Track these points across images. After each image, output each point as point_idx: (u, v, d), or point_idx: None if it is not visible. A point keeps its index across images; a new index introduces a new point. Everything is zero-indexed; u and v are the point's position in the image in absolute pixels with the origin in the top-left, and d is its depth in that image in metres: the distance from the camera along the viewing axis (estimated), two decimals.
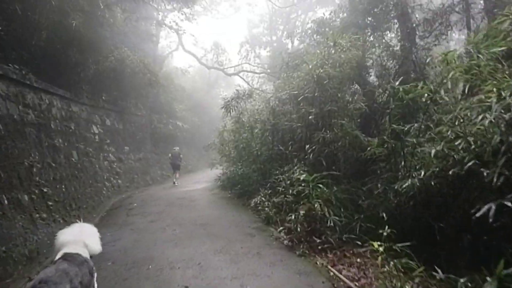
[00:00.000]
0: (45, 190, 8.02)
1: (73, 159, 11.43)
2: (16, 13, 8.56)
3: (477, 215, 3.36)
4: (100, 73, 15.09)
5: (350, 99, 8.38)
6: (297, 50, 13.14)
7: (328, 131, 6.84)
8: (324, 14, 12.59)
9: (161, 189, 16.86)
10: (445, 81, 4.38)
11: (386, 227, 3.89)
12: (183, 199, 12.27)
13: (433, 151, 4.24)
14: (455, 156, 4.25)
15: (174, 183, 18.18)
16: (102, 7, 12.53)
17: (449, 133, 4.32)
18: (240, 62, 28.06)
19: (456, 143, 4.13)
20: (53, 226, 7.97)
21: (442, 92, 4.83)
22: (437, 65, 5.64)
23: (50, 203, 8.11)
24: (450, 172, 4.10)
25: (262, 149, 10.67)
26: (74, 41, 12.34)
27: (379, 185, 5.27)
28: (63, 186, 9.65)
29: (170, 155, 19.31)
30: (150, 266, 5.26)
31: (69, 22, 11.28)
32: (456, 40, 17.16)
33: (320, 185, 5.77)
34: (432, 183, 4.54)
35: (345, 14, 10.11)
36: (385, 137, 5.49)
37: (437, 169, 4.45)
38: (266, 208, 7.56)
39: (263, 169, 10.23)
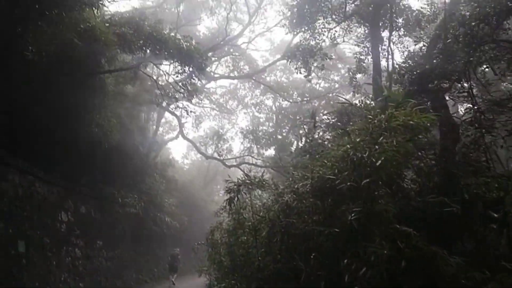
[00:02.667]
0: None
1: (13, 252, 8.62)
2: None
3: None
4: (81, 149, 12.98)
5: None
6: (312, 142, 11.26)
7: (383, 242, 4.35)
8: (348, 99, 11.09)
9: None
10: None
11: None
12: None
13: None
14: None
15: (173, 283, 17.92)
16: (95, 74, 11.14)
17: None
18: (242, 153, 26.59)
19: None
20: None
21: None
22: None
23: None
24: None
25: (266, 259, 7.89)
26: (52, 104, 10.47)
27: None
28: None
29: (169, 257, 19.01)
30: None
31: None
32: None
33: None
34: None
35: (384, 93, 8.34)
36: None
37: None
38: None
39: None
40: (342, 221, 5.38)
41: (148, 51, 12.93)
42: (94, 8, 9.76)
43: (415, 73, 8.33)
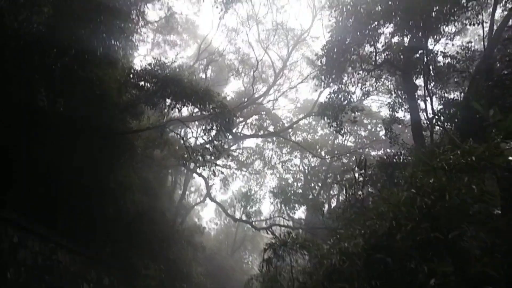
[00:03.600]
0: None
1: None
2: None
3: None
4: (107, 215, 12.44)
5: None
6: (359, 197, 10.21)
7: None
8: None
9: None
10: None
11: None
12: None
13: None
14: None
15: None
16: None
17: None
18: (273, 215, 25.21)
19: None
20: None
21: None
22: None
23: None
24: None
25: None
26: (76, 167, 10.09)
27: None
28: None
29: None
30: None
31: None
32: None
33: None
34: None
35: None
36: None
37: None
38: None
39: None
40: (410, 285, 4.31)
41: (168, 100, 12.57)
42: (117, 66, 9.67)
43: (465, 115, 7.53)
